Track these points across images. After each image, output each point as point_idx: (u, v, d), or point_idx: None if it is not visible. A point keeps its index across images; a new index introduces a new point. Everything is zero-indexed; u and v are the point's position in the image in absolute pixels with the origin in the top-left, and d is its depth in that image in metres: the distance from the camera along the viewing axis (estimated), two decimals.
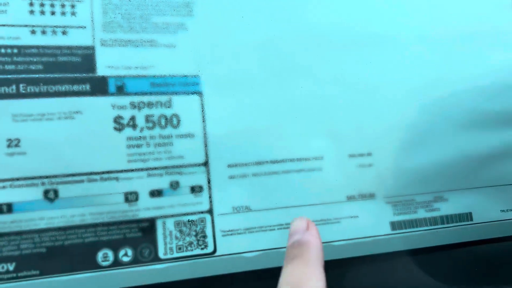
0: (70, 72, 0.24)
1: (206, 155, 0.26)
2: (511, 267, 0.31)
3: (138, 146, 0.25)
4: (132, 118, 0.25)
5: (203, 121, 0.26)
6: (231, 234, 0.26)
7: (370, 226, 0.28)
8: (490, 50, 0.30)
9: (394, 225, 0.28)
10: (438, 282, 0.29)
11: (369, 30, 0.28)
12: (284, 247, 0.26)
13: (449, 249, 0.29)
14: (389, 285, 0.29)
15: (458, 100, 0.29)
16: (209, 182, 0.26)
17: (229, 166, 0.26)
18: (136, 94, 0.25)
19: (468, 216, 0.29)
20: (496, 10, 0.30)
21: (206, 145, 0.26)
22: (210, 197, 0.26)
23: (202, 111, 0.26)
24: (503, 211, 0.30)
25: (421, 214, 0.29)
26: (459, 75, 0.29)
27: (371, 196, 0.28)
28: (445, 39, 0.29)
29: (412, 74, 0.29)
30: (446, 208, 0.29)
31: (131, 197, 0.25)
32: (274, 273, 0.26)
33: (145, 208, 0.25)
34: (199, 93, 0.26)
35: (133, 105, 0.25)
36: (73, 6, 0.25)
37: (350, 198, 0.28)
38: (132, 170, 0.25)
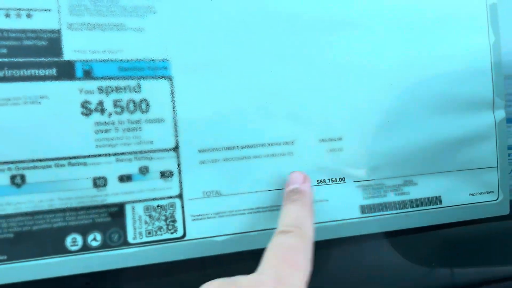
0: (36, 56, 0.24)
1: (176, 140, 0.26)
2: (479, 249, 0.31)
3: (106, 131, 0.25)
4: (100, 103, 0.25)
5: (173, 106, 0.26)
6: (201, 219, 0.26)
7: (340, 209, 0.28)
8: (462, 34, 0.30)
9: (364, 209, 0.29)
10: (407, 264, 0.30)
11: (339, 13, 0.28)
12: (254, 231, 0.27)
13: (418, 232, 0.30)
14: (358, 267, 0.29)
15: (429, 84, 0.29)
16: (179, 167, 0.26)
17: (200, 151, 0.26)
18: (103, 78, 0.25)
19: (437, 200, 0.30)
20: None
21: (176, 130, 0.26)
22: (180, 182, 0.26)
23: (172, 95, 0.26)
24: (471, 194, 0.30)
25: (391, 198, 0.29)
26: (430, 59, 0.29)
27: (341, 180, 0.28)
28: (416, 22, 0.29)
29: (383, 58, 0.29)
30: (415, 192, 0.29)
31: (99, 182, 0.25)
32: (243, 257, 0.27)
33: (114, 193, 0.25)
34: (169, 78, 0.26)
35: (101, 90, 0.25)
36: None
37: (321, 182, 0.28)
38: (100, 155, 0.25)
